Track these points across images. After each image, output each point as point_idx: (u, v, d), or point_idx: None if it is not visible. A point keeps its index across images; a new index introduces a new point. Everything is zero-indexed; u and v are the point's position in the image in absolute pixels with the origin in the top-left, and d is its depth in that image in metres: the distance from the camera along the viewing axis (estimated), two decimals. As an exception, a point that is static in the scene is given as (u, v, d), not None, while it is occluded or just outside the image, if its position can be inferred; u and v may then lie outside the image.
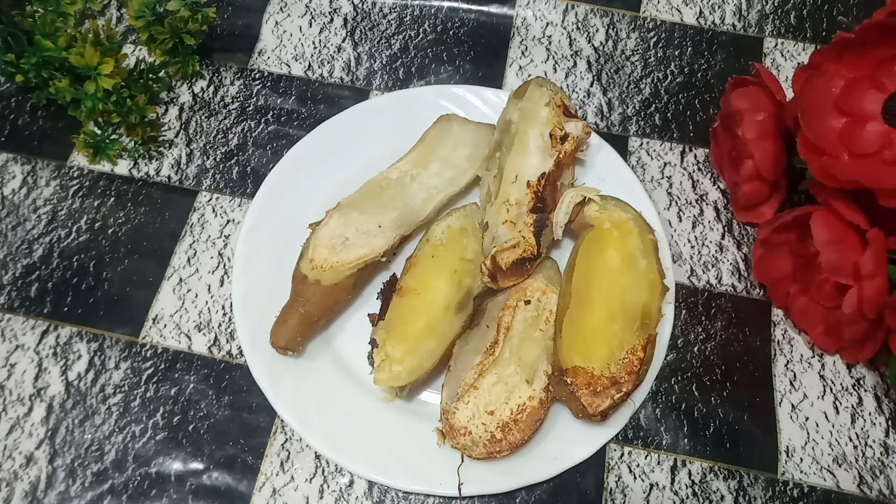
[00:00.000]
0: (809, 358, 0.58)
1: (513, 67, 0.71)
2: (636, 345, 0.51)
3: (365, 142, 0.64)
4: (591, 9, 0.74)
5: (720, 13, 0.74)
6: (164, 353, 0.57)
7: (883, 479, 0.54)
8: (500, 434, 0.50)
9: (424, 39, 0.72)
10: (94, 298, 0.59)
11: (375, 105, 0.67)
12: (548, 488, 0.53)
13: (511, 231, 0.55)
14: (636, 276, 0.54)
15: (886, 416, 0.56)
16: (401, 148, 0.62)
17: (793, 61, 0.72)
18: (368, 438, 0.53)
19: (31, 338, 0.57)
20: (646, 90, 0.70)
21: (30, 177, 0.64)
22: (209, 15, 0.66)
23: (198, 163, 0.65)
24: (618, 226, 0.56)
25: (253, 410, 0.55)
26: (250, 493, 0.52)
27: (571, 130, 0.59)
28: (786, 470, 0.54)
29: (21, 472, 0.52)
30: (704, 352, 0.58)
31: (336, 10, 0.73)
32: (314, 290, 0.54)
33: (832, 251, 0.51)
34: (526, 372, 0.52)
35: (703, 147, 0.67)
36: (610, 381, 0.50)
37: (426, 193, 0.60)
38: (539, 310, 0.55)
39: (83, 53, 0.60)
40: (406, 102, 0.67)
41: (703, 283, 0.61)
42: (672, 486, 0.53)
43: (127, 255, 0.61)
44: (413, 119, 0.64)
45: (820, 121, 0.52)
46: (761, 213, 0.62)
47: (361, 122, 0.66)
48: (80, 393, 0.55)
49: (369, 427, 0.53)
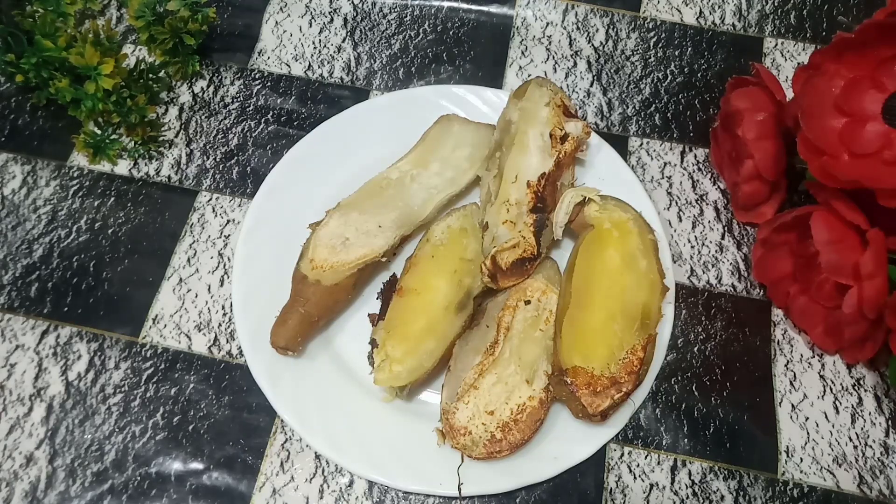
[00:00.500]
0: (809, 358, 0.58)
1: (513, 67, 0.71)
2: (636, 345, 0.51)
3: (365, 142, 0.64)
4: (591, 9, 0.74)
5: (720, 13, 0.74)
6: (164, 353, 0.57)
7: (883, 479, 0.54)
8: (500, 434, 0.50)
9: (424, 39, 0.72)
10: (94, 298, 0.59)
11: (375, 105, 0.67)
12: (548, 488, 0.53)
13: (511, 231, 0.55)
14: (636, 276, 0.54)
15: (886, 416, 0.56)
16: (401, 148, 0.62)
17: (793, 61, 0.72)
18: (368, 438, 0.53)
19: (31, 338, 0.57)
20: (646, 90, 0.70)
21: (30, 177, 0.64)
22: (209, 15, 0.66)
23: (198, 163, 0.65)
24: (618, 226, 0.56)
25: (253, 410, 0.55)
26: (250, 493, 0.52)
27: (571, 130, 0.59)
28: (786, 470, 0.54)
29: (21, 472, 0.52)
30: (704, 352, 0.58)
31: (336, 10, 0.73)
32: (314, 290, 0.54)
33: (832, 251, 0.51)
34: (526, 372, 0.52)
35: (703, 147, 0.67)
36: (610, 381, 0.50)
37: (426, 193, 0.60)
38: (539, 310, 0.55)
39: (83, 53, 0.60)
40: (406, 102, 0.67)
41: (703, 283, 0.61)
42: (672, 486, 0.53)
43: (127, 255, 0.61)
44: (413, 119, 0.64)
45: (820, 121, 0.52)
46: (761, 213, 0.62)
47: (361, 122, 0.66)
48: (80, 393, 0.55)
49: (369, 427, 0.53)
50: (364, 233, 0.56)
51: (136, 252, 0.61)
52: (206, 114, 0.68)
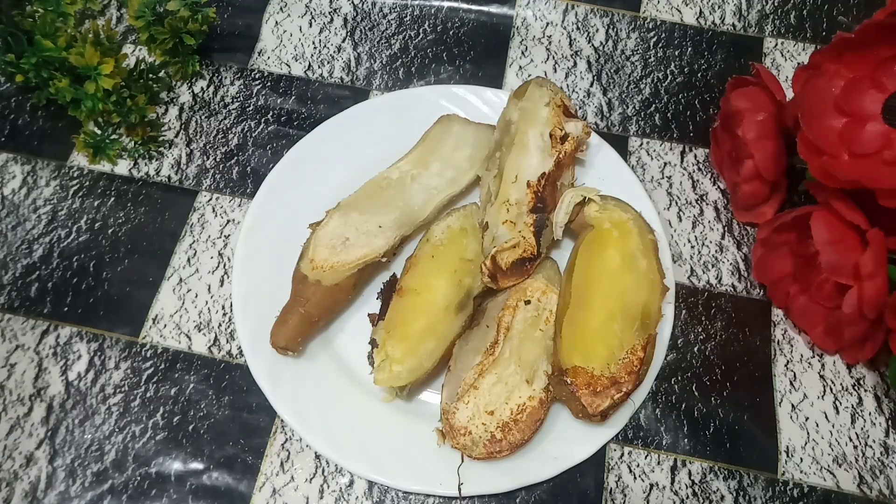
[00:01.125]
0: (809, 358, 0.58)
1: (513, 67, 0.71)
2: (636, 344, 0.51)
3: (365, 142, 0.64)
4: (591, 9, 0.74)
5: (720, 13, 0.74)
6: (164, 353, 0.57)
7: (883, 479, 0.54)
8: (500, 434, 0.50)
9: (424, 39, 0.72)
10: (94, 298, 0.59)
11: (375, 105, 0.67)
12: (548, 488, 0.53)
13: (511, 231, 0.55)
14: (636, 276, 0.54)
15: (886, 416, 0.56)
16: (401, 148, 0.62)
17: (793, 61, 0.72)
18: (368, 438, 0.53)
19: (31, 338, 0.57)
20: (646, 90, 0.70)
21: (30, 177, 0.64)
22: (209, 15, 0.66)
23: (198, 163, 0.65)
24: (617, 226, 0.56)
25: (253, 410, 0.55)
26: (250, 493, 0.52)
27: (571, 130, 0.59)
28: (786, 470, 0.54)
29: (21, 472, 0.52)
30: (704, 352, 0.58)
31: (336, 10, 0.73)
32: (314, 291, 0.54)
33: (832, 251, 0.51)
34: (526, 372, 0.52)
35: (703, 147, 0.67)
36: (610, 380, 0.50)
37: (426, 194, 0.60)
38: (539, 310, 0.55)
39: (83, 53, 0.60)
40: (406, 102, 0.67)
41: (703, 283, 0.61)
42: (672, 485, 0.53)
43: (127, 255, 0.61)
44: (413, 119, 0.64)
45: (820, 121, 0.52)
46: (761, 213, 0.62)
47: (361, 122, 0.66)
48: (80, 393, 0.55)
49: (369, 427, 0.53)
50: (364, 233, 0.56)
51: (136, 252, 0.61)
52: (206, 114, 0.68)
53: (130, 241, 0.61)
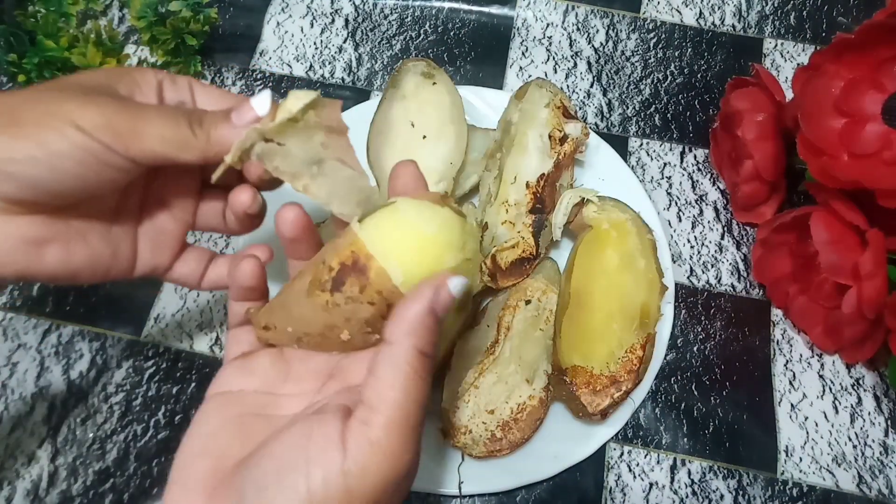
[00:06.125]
0: (809, 358, 0.58)
1: (513, 68, 0.71)
2: (635, 344, 0.52)
3: (366, 142, 0.64)
4: (592, 10, 0.74)
5: (720, 14, 0.74)
6: (165, 352, 0.57)
7: (882, 478, 0.54)
8: (500, 433, 0.50)
9: (425, 40, 0.72)
10: (96, 298, 0.59)
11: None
12: (548, 487, 0.53)
13: (510, 231, 0.56)
14: (634, 276, 0.54)
15: (886, 415, 0.56)
16: (401, 148, 0.62)
17: (793, 62, 0.72)
18: (369, 437, 0.53)
19: (33, 337, 0.57)
20: (646, 91, 0.70)
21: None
22: (211, 15, 0.67)
23: (199, 163, 0.65)
24: (616, 226, 0.56)
25: (254, 409, 0.55)
26: (251, 492, 0.52)
27: (571, 132, 0.59)
28: (785, 469, 0.54)
29: (23, 471, 0.52)
30: (704, 351, 0.58)
31: (337, 10, 0.74)
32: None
33: (832, 251, 0.51)
34: (526, 371, 0.52)
35: (703, 147, 0.68)
36: (609, 379, 0.50)
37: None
38: (539, 310, 0.55)
39: (85, 54, 0.61)
40: (407, 103, 0.67)
41: (703, 283, 0.61)
42: (672, 485, 0.53)
43: (129, 255, 0.61)
44: (414, 119, 0.64)
45: (820, 121, 0.52)
46: (761, 213, 0.62)
47: (363, 122, 0.66)
48: (82, 392, 0.55)
49: (370, 426, 0.53)
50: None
51: (138, 252, 0.61)
52: (207, 114, 0.68)
53: (132, 240, 0.61)
